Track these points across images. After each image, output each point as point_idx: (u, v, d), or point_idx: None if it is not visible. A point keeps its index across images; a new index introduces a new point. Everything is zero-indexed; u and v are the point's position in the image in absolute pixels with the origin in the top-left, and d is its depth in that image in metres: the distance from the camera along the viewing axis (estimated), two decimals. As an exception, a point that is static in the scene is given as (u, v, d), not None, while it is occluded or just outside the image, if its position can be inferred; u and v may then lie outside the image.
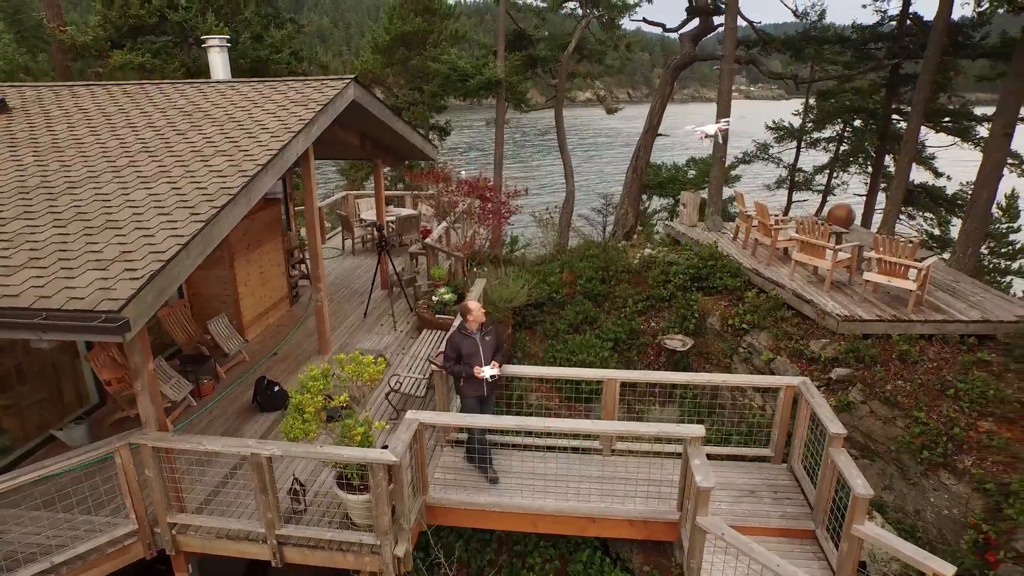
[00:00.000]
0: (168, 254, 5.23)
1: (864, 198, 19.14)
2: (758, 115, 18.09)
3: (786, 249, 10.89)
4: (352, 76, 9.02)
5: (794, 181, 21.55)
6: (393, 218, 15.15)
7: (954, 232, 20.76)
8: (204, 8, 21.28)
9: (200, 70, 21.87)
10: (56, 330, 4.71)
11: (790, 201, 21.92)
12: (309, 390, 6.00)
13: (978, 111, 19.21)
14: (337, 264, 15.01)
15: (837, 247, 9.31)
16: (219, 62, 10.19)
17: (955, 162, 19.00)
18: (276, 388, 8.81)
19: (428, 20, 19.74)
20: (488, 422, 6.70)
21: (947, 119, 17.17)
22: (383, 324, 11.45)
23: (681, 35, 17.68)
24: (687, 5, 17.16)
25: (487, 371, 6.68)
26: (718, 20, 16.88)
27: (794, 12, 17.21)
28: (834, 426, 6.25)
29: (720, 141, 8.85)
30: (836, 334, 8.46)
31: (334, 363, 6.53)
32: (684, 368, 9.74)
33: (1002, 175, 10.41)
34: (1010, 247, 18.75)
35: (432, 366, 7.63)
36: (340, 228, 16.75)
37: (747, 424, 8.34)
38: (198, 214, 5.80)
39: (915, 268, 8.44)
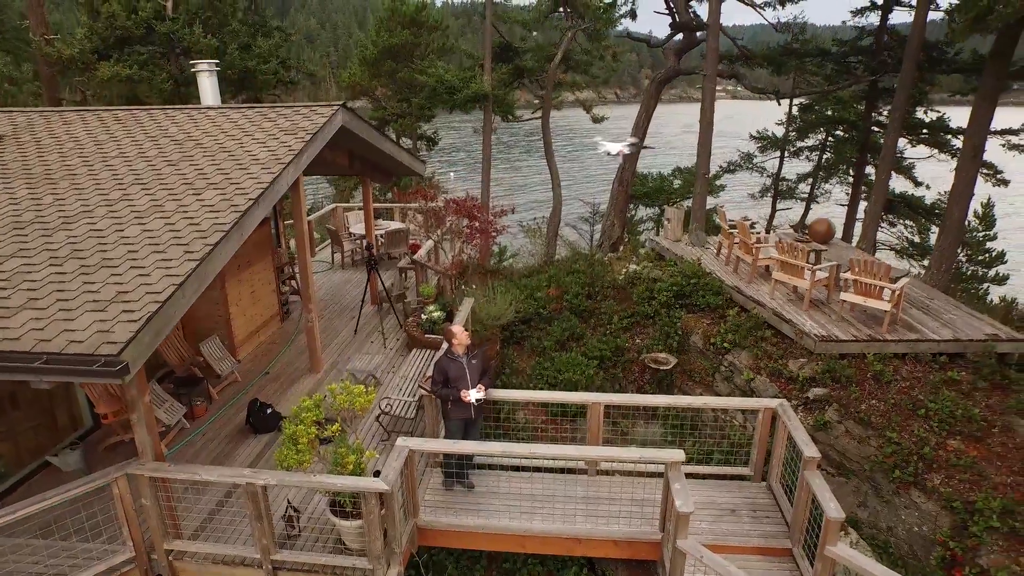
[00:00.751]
0: (164, 295, 5.39)
1: (846, 208, 19.52)
2: (744, 115, 18.39)
3: (767, 266, 11.17)
4: (340, 103, 9.19)
5: (778, 190, 21.92)
6: (382, 232, 15.31)
7: (934, 239, 21.25)
8: (191, 19, 21.30)
9: (188, 80, 21.92)
10: (56, 373, 4.86)
11: (774, 209, 22.30)
12: (302, 421, 6.17)
13: (957, 117, 19.66)
14: (327, 278, 15.14)
15: (815, 267, 9.60)
16: (208, 86, 10.32)
17: (934, 172, 19.43)
18: (269, 410, 8.96)
19: (415, 33, 19.89)
20: (475, 448, 6.91)
21: (924, 131, 17.58)
22: (373, 341, 11.62)
23: (665, 49, 17.96)
24: (671, 21, 17.46)
25: (473, 394, 6.88)
26: (701, 34, 17.18)
27: (775, 27, 17.56)
28: (809, 450, 6.51)
29: (622, 162, 9.19)
30: (814, 354, 8.75)
31: (326, 391, 6.72)
32: (668, 385, 10.00)
33: (973, 193, 10.76)
34: (987, 255, 19.20)
35: (421, 391, 7.82)
36: (329, 241, 16.89)
37: (728, 442, 8.61)
38: (192, 252, 5.96)
39: (889, 289, 8.74)
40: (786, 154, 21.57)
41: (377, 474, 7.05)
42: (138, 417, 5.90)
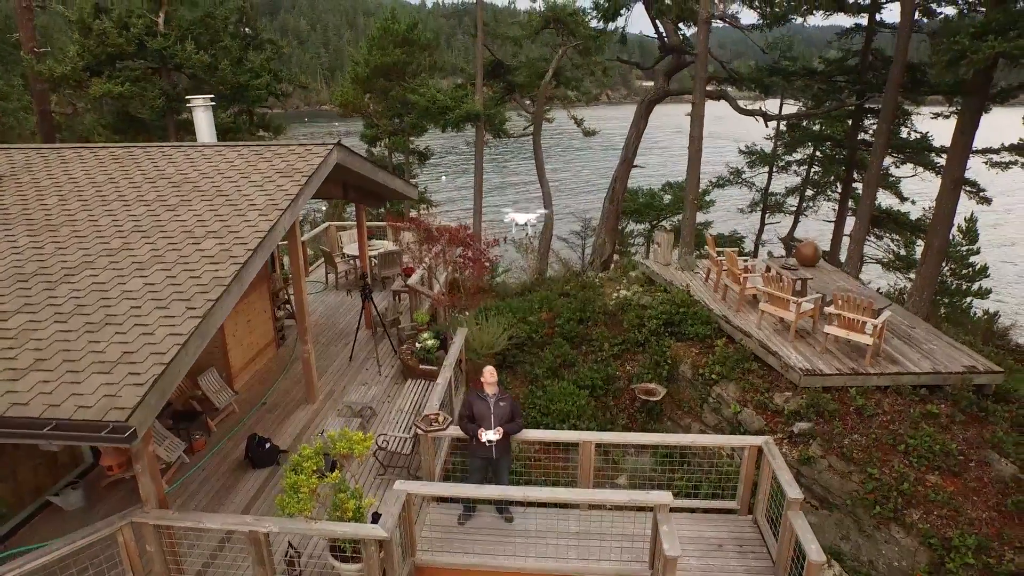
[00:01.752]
0: (168, 355, 5.55)
1: (833, 223, 19.87)
2: (733, 117, 18.59)
3: (755, 295, 11.42)
4: (335, 141, 9.36)
5: (767, 204, 22.26)
6: (375, 254, 15.46)
7: (918, 252, 21.65)
8: (183, 35, 21.35)
9: (179, 95, 21.97)
10: (66, 439, 5.02)
11: (763, 223, 22.64)
12: (303, 471, 6.35)
13: (941, 131, 20.02)
14: (321, 300, 15.28)
15: (800, 300, 9.87)
16: (204, 121, 10.45)
17: (919, 188, 19.79)
18: (267, 444, 9.12)
19: (407, 51, 20.05)
20: (473, 492, 7.11)
21: (909, 150, 17.93)
22: (368, 368, 11.78)
23: (655, 71, 18.22)
24: (659, 44, 17.70)
25: (488, 434, 7.10)
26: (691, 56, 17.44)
27: (763, 50, 17.85)
28: (792, 491, 6.75)
29: (529, 234, 9.52)
30: (799, 387, 9.02)
31: (325, 437, 6.90)
32: (658, 415, 10.24)
33: (953, 223, 11.06)
34: (970, 268, 19.60)
35: (417, 430, 8.01)
36: (323, 260, 17.02)
37: (716, 473, 8.85)
38: (194, 308, 6.12)
39: (872, 323, 9.01)
40: (774, 169, 21.90)
41: (376, 517, 7.26)
42: (142, 467, 6.06)
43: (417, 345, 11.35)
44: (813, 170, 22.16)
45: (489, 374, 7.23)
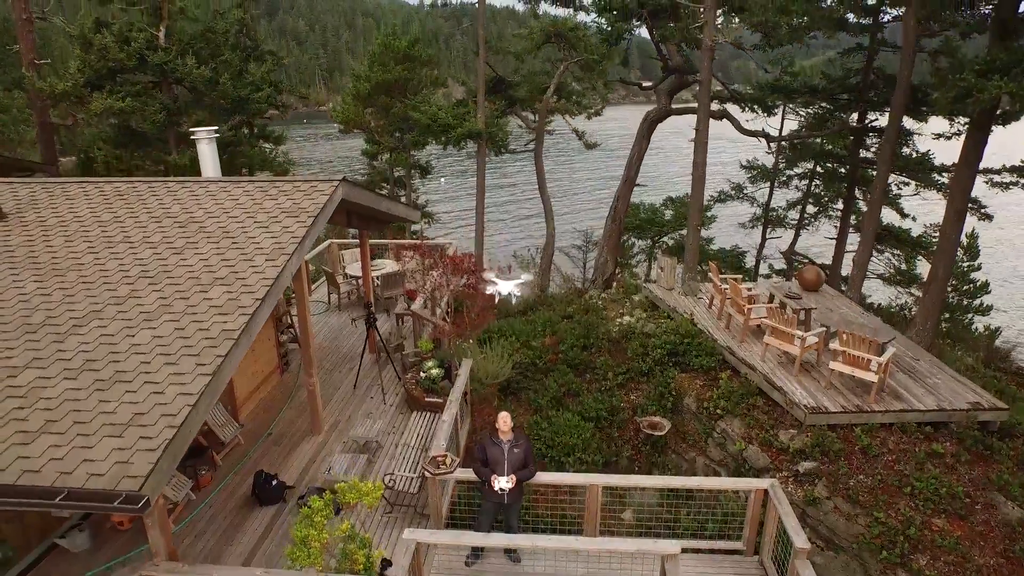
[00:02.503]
0: (180, 417, 5.56)
1: (835, 241, 19.91)
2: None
3: (759, 325, 11.44)
4: (341, 178, 9.36)
5: (768, 219, 22.29)
6: (378, 275, 15.45)
7: (920, 268, 21.69)
8: (184, 50, 21.33)
9: (181, 109, 21.95)
10: (78, 508, 5.02)
11: (764, 238, 22.67)
12: (314, 525, 6.35)
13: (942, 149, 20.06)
14: (324, 322, 15.27)
15: (805, 335, 9.88)
16: (208, 153, 10.46)
17: (920, 205, 19.81)
18: (274, 481, 9.13)
19: (408, 68, 20.05)
20: (481, 540, 7.13)
21: (911, 169, 17.95)
22: (372, 396, 11.78)
23: (657, 90, 18.23)
24: (662, 64, 17.71)
25: (501, 482, 7.12)
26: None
27: (765, 70, 17.87)
28: (799, 540, 6.77)
29: (513, 300, 9.65)
30: (804, 425, 9.04)
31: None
32: (662, 447, 10.26)
33: (957, 254, 11.08)
34: (971, 284, 19.64)
35: (425, 472, 8.01)
36: (325, 280, 17.01)
37: (722, 511, 8.86)
38: (203, 364, 6.12)
39: (877, 361, 9.03)
40: (775, 184, 21.93)
41: (385, 563, 7.29)
42: (152, 521, 6.07)
43: (422, 374, 11.36)
44: (814, 183, 22.18)
45: (503, 421, 7.24)
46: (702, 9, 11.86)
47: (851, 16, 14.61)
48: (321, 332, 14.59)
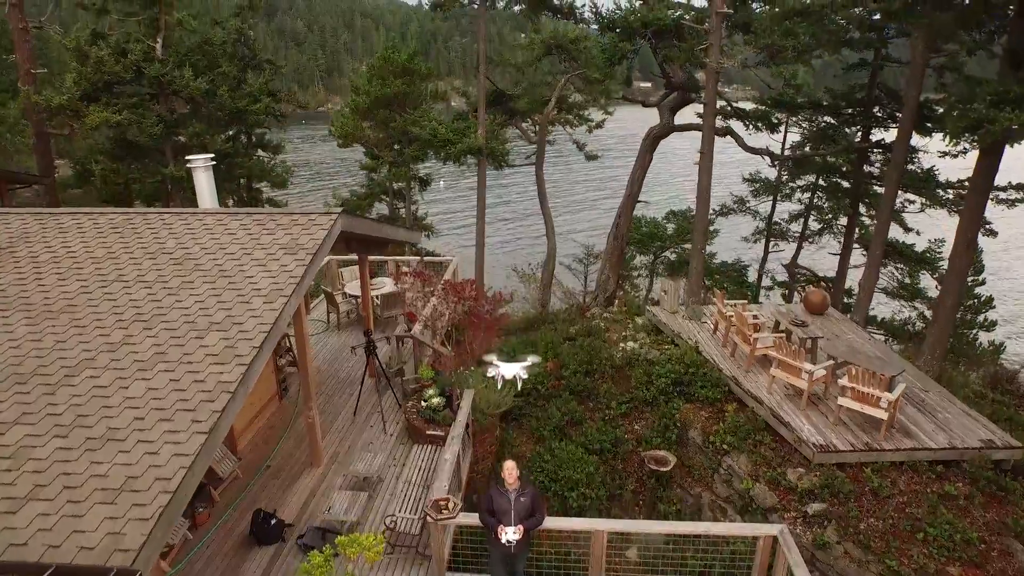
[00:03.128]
0: (174, 482, 5.36)
1: (839, 256, 19.77)
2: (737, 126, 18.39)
3: (765, 354, 11.27)
4: (340, 210, 9.17)
5: (771, 232, 22.14)
6: (378, 295, 15.26)
7: (923, 282, 21.55)
8: (181, 61, 21.13)
9: (177, 121, 21.75)
10: (66, 584, 4.82)
11: (767, 251, 22.51)
12: (314, 583, 6.18)
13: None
14: (323, 343, 15.08)
15: (812, 367, 9.70)
16: (204, 182, 10.27)
17: (924, 220, 19.65)
18: (273, 520, 8.94)
19: (408, 82, 19.86)
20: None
21: (918, 186, 17.80)
22: (373, 425, 11.60)
23: (660, 106, 18.05)
24: (665, 81, 17.53)
25: (508, 534, 6.95)
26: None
27: (768, 86, 17.70)
28: (812, 594, 6.61)
29: (520, 382, 9.62)
30: (812, 463, 8.86)
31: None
32: (667, 481, 10.08)
33: (966, 282, 10.92)
34: (975, 299, 19.49)
35: (428, 517, 7.84)
36: (324, 298, 16.83)
37: (729, 549, 8.69)
38: (199, 421, 5.93)
39: (887, 398, 8.86)
40: (778, 197, 21.77)
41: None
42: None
43: (423, 404, 11.17)
44: (817, 195, 22.03)
45: (509, 472, 7.08)
46: (707, 28, 11.68)
47: (856, 33, 14.44)
48: (320, 354, 14.40)
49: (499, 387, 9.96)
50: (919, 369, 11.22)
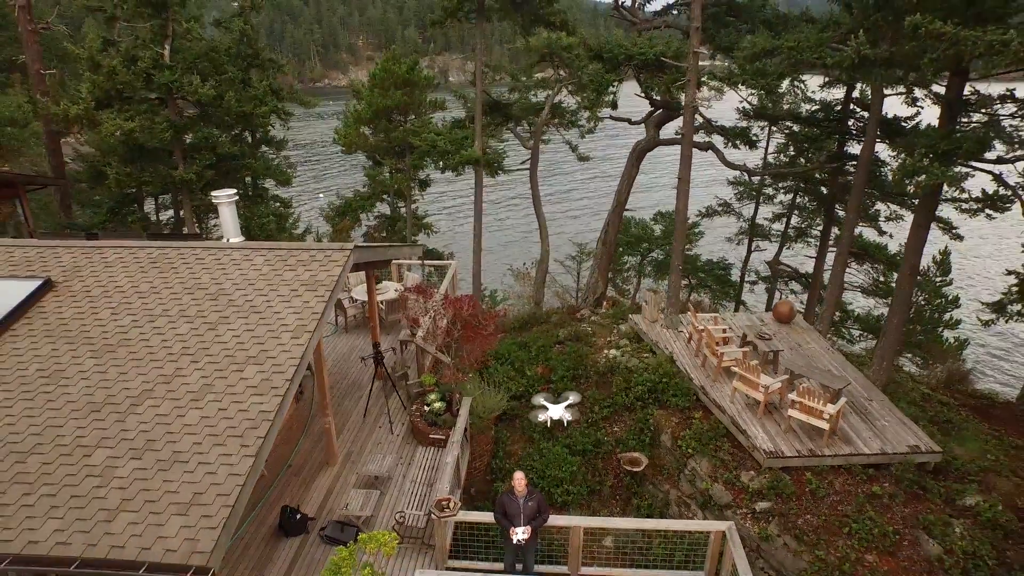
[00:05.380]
0: (232, 497, 6.75)
1: (814, 259, 21.06)
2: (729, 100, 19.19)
3: (730, 367, 12.60)
4: (352, 245, 10.40)
5: (753, 234, 23.39)
6: (383, 300, 16.54)
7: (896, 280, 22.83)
8: (188, 68, 22.03)
9: (187, 126, 22.73)
10: (155, 579, 6.24)
11: (749, 251, 23.79)
12: (341, 573, 7.60)
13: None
14: (332, 345, 16.40)
15: (769, 382, 11.08)
16: (228, 216, 11.45)
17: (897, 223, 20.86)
18: (298, 515, 10.40)
19: (408, 93, 20.82)
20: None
21: (889, 192, 18.94)
22: (381, 426, 13.01)
23: (646, 122, 19.13)
24: (649, 100, 18.59)
25: (518, 534, 8.57)
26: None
27: (748, 102, 18.76)
28: (748, 581, 8.08)
29: (566, 423, 11.32)
30: (763, 467, 10.30)
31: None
32: (640, 479, 11.55)
33: (912, 304, 12.24)
34: (942, 299, 20.82)
35: (433, 514, 9.27)
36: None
37: (689, 539, 10.15)
38: (247, 446, 7.29)
39: (828, 412, 10.25)
40: (760, 200, 22.96)
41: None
42: None
43: (426, 408, 12.56)
44: (798, 196, 23.21)
45: (518, 482, 8.58)
46: (686, 67, 12.76)
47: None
48: (329, 358, 15.70)
49: (547, 426, 11.52)
50: (868, 378, 12.60)
